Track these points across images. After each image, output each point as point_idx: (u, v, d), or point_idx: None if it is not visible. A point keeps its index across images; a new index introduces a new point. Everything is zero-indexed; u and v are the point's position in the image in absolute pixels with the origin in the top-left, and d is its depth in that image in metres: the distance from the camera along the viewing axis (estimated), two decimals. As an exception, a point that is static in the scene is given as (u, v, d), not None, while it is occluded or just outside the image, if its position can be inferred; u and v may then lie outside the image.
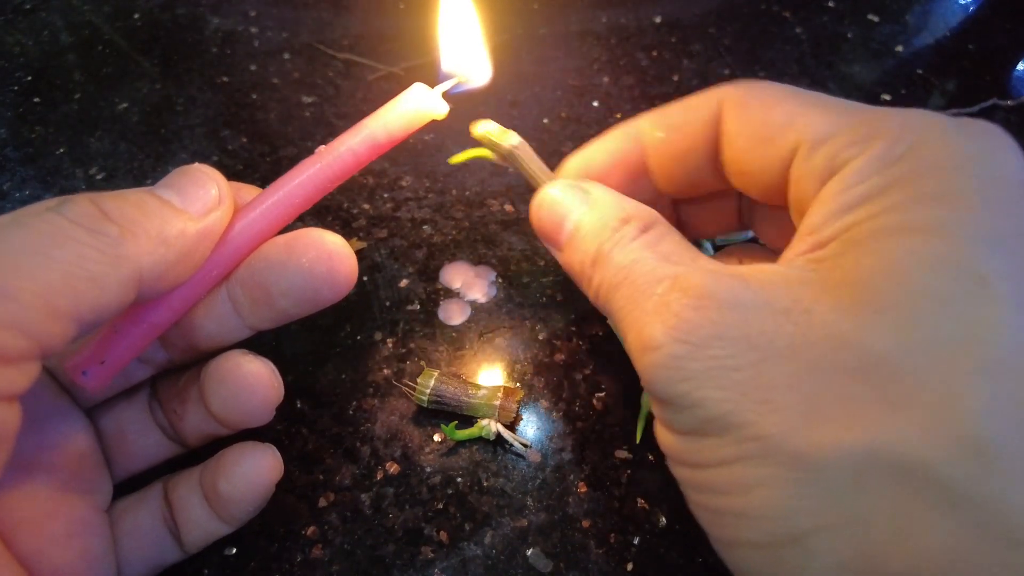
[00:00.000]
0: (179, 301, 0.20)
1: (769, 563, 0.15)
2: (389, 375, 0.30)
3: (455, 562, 0.25)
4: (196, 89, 0.43)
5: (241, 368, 0.21)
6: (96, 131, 0.40)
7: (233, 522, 0.23)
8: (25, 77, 0.43)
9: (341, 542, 0.25)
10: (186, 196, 0.19)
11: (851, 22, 0.49)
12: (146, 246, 0.18)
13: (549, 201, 0.22)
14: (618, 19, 0.49)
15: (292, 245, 0.21)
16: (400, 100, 0.22)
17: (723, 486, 0.16)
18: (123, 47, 0.46)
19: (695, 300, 0.17)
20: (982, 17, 0.50)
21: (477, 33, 0.25)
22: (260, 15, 0.49)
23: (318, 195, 0.21)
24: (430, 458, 0.27)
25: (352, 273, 0.21)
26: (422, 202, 0.37)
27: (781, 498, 0.15)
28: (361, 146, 0.21)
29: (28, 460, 0.20)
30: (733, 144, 0.21)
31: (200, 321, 0.22)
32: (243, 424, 0.22)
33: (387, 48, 0.46)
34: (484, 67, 0.25)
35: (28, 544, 0.19)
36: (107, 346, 0.20)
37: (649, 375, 0.17)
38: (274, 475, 0.23)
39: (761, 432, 0.15)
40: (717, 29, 0.48)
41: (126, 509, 0.23)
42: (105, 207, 0.17)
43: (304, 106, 0.42)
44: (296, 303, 0.21)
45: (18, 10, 0.48)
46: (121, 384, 0.23)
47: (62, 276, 0.16)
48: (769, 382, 0.15)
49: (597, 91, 0.43)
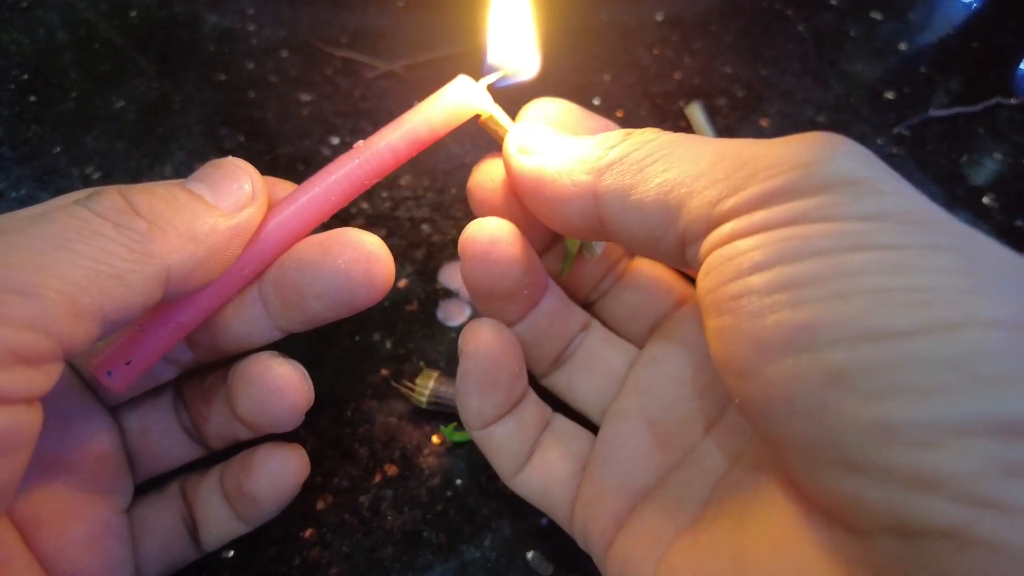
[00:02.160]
0: (208, 300, 0.19)
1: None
2: (388, 376, 0.29)
3: (454, 565, 0.24)
4: (193, 87, 0.43)
5: (271, 371, 0.20)
6: (93, 130, 0.40)
7: (253, 522, 0.23)
8: (21, 75, 0.43)
9: (340, 544, 0.25)
10: (218, 191, 0.18)
11: (854, 20, 0.49)
12: (175, 243, 0.17)
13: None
14: (620, 16, 0.49)
15: (327, 245, 0.20)
16: (443, 93, 0.21)
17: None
18: (120, 45, 0.45)
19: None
20: (986, 15, 0.49)
21: (527, 24, 0.23)
22: (258, 12, 0.48)
23: (355, 193, 0.20)
24: (429, 460, 0.27)
25: (390, 275, 0.20)
26: (421, 201, 0.37)
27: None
28: (401, 142, 0.20)
29: (51, 459, 0.19)
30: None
31: (229, 322, 0.21)
32: (270, 428, 0.21)
33: (386, 46, 0.45)
34: (532, 60, 0.23)
35: (49, 545, 0.19)
36: (133, 346, 0.19)
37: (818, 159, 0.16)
38: (301, 476, 0.22)
39: None
40: (719, 26, 0.48)
41: (145, 509, 0.23)
42: (134, 201, 0.17)
43: (302, 104, 0.42)
44: (330, 306, 0.20)
45: (14, 8, 0.47)
46: (146, 384, 0.22)
47: (87, 273, 0.15)
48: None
49: (598, 88, 0.43)
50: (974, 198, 0.39)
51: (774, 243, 0.14)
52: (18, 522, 0.19)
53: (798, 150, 0.15)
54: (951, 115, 0.43)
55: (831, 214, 0.14)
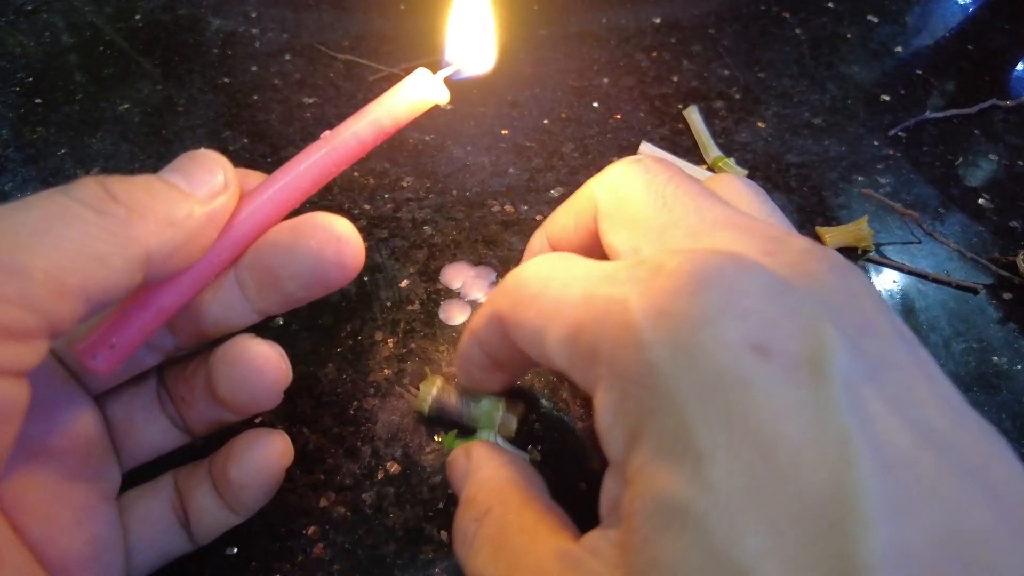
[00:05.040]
0: (187, 284, 0.20)
1: None
2: (390, 375, 0.30)
3: (455, 562, 0.25)
4: (197, 90, 0.43)
5: (249, 351, 0.21)
6: (97, 132, 0.40)
7: (242, 511, 0.23)
8: (27, 78, 0.43)
9: (342, 541, 0.25)
10: (193, 180, 0.19)
11: (850, 23, 0.49)
12: (153, 228, 0.18)
13: (451, 458, 0.23)
14: (618, 20, 0.49)
15: (299, 229, 0.21)
16: (403, 86, 0.22)
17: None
18: (124, 48, 0.46)
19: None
20: (981, 18, 0.50)
21: (485, 22, 0.25)
22: (261, 16, 0.49)
23: (323, 180, 0.22)
24: (431, 458, 0.27)
25: (359, 256, 0.21)
26: (423, 203, 0.37)
27: None
28: (365, 131, 0.22)
29: (37, 445, 0.20)
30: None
31: (208, 306, 0.22)
32: (251, 408, 0.22)
33: (388, 49, 0.46)
34: (486, 55, 0.25)
35: (37, 530, 0.19)
36: (116, 329, 0.20)
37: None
38: (284, 460, 0.23)
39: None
40: (717, 30, 0.48)
41: (136, 498, 0.23)
42: (112, 189, 0.18)
43: (305, 107, 0.42)
44: (304, 286, 0.21)
45: (20, 11, 0.48)
46: (129, 371, 0.23)
47: (70, 254, 0.16)
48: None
49: (597, 92, 0.44)
50: (969, 199, 0.39)
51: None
52: (5, 508, 0.19)
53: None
54: (947, 117, 0.43)
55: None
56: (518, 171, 0.39)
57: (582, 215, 0.21)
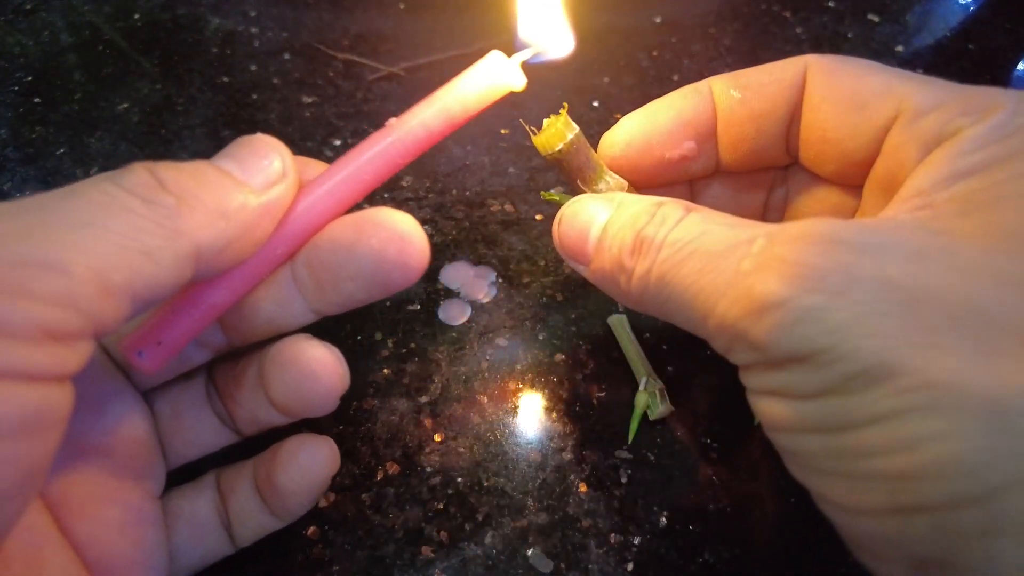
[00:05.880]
0: (240, 281, 0.19)
1: (938, 529, 0.13)
2: (390, 375, 0.30)
3: (455, 562, 0.25)
4: (196, 89, 0.43)
5: (305, 354, 0.20)
6: (97, 131, 0.40)
7: (285, 516, 0.22)
8: (26, 77, 0.43)
9: (342, 542, 0.25)
10: (247, 168, 0.18)
11: (851, 22, 0.49)
12: (204, 219, 0.16)
13: (571, 213, 0.21)
14: (618, 19, 0.49)
15: (360, 225, 0.19)
16: (475, 70, 0.20)
17: (877, 446, 0.14)
18: (123, 47, 0.46)
19: (819, 246, 0.15)
20: (982, 17, 0.50)
21: (558, 1, 0.23)
22: (260, 15, 0.49)
23: (389, 172, 0.20)
24: (430, 458, 0.27)
25: (424, 256, 0.19)
26: (422, 202, 0.37)
27: (964, 452, 0.13)
28: (435, 119, 0.20)
29: (84, 442, 0.19)
30: (819, 109, 0.20)
31: (262, 303, 0.20)
32: (304, 413, 0.21)
33: (387, 48, 0.46)
34: (566, 37, 0.23)
35: (82, 529, 0.19)
36: (164, 326, 0.19)
37: (774, 336, 0.15)
38: (331, 467, 0.22)
39: (932, 378, 0.13)
40: (717, 29, 0.48)
41: (180, 498, 0.22)
42: (161, 176, 0.16)
43: (304, 106, 0.42)
44: (364, 287, 0.20)
45: (19, 10, 0.48)
46: (178, 367, 0.22)
47: (116, 249, 0.15)
48: (930, 324, 0.14)
49: (597, 91, 0.44)
50: (970, 199, 0.39)
51: None
52: (51, 506, 0.18)
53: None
54: (948, 117, 0.43)
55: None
56: (518, 171, 0.39)
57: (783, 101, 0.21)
